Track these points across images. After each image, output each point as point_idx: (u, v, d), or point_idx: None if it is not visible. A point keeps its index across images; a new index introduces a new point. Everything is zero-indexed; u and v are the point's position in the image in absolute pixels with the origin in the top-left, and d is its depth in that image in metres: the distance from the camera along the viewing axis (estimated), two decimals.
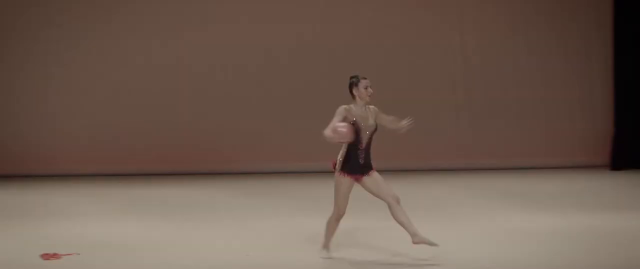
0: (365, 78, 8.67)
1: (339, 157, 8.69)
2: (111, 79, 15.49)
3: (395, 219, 8.69)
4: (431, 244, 8.66)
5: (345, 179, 8.66)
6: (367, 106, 8.70)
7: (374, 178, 8.71)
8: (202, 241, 10.19)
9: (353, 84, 8.68)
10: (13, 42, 15.38)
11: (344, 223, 9.07)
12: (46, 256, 9.19)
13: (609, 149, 15.70)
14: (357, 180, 8.71)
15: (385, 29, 15.63)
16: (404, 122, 8.71)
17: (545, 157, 15.79)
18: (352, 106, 8.65)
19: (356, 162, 8.65)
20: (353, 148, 8.62)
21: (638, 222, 11.01)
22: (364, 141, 8.63)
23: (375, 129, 8.69)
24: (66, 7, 15.40)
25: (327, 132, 8.48)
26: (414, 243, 8.67)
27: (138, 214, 11.92)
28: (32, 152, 15.43)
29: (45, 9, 15.37)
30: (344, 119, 8.55)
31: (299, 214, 11.84)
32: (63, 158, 15.41)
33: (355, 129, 8.55)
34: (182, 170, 15.36)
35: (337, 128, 8.47)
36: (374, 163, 8.75)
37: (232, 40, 15.50)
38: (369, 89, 8.65)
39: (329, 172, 14.57)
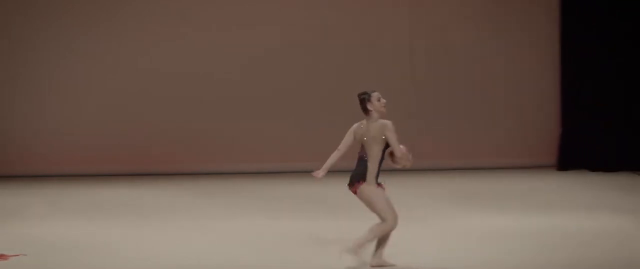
0: (374, 91, 8.65)
1: (370, 172, 8.56)
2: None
3: (370, 229, 8.59)
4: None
5: (380, 188, 8.61)
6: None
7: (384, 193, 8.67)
8: (155, 241, 10.18)
9: (365, 100, 8.63)
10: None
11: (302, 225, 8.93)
12: None
13: (555, 149, 15.80)
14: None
15: (337, 31, 15.65)
16: None
17: (492, 158, 15.83)
18: (369, 121, 8.62)
19: (379, 172, 8.62)
20: (382, 160, 8.62)
21: (586, 222, 11.10)
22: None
23: None
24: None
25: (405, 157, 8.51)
26: (351, 249, 8.58)
27: (94, 215, 11.87)
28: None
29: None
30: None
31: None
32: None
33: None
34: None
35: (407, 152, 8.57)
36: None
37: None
38: (382, 100, 8.66)
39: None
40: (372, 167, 8.52)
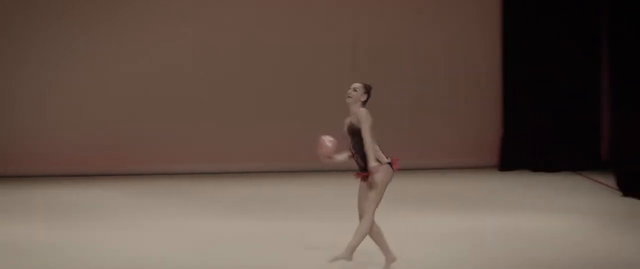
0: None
1: None
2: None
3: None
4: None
5: (360, 184, 8.73)
6: (357, 108, 8.71)
7: (363, 185, 8.66)
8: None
9: None
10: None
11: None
12: None
13: (497, 150, 15.80)
14: (363, 180, 8.69)
15: (276, 30, 15.63)
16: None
17: (434, 158, 15.82)
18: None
19: (358, 164, 8.68)
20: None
21: (528, 223, 11.15)
22: (350, 144, 8.71)
23: (351, 132, 8.68)
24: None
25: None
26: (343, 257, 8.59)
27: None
28: None
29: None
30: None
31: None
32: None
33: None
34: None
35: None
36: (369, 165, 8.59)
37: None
38: (348, 91, 8.72)
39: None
40: None
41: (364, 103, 8.72)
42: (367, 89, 8.77)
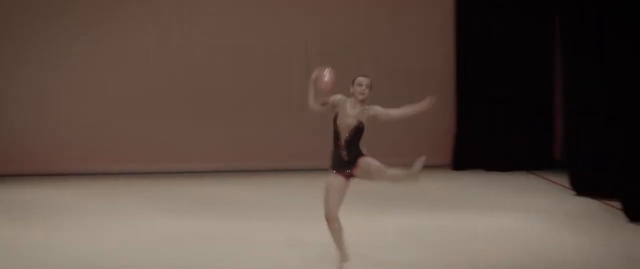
0: (361, 76, 8.89)
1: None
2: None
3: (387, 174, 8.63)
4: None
5: (331, 177, 8.58)
6: (362, 105, 8.75)
7: (361, 167, 8.61)
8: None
9: (353, 81, 8.73)
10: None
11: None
12: None
13: (450, 149, 15.78)
14: (348, 177, 8.62)
15: (230, 31, 15.67)
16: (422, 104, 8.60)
17: (386, 157, 15.63)
18: (348, 98, 8.69)
19: (339, 159, 8.60)
20: (334, 145, 8.64)
21: (480, 222, 11.15)
22: (343, 138, 8.59)
23: (357, 130, 8.58)
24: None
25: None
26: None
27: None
28: None
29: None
30: (327, 102, 8.73)
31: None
32: None
33: (334, 122, 8.63)
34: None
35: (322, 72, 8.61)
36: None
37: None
38: (357, 87, 8.78)
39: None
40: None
41: None
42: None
